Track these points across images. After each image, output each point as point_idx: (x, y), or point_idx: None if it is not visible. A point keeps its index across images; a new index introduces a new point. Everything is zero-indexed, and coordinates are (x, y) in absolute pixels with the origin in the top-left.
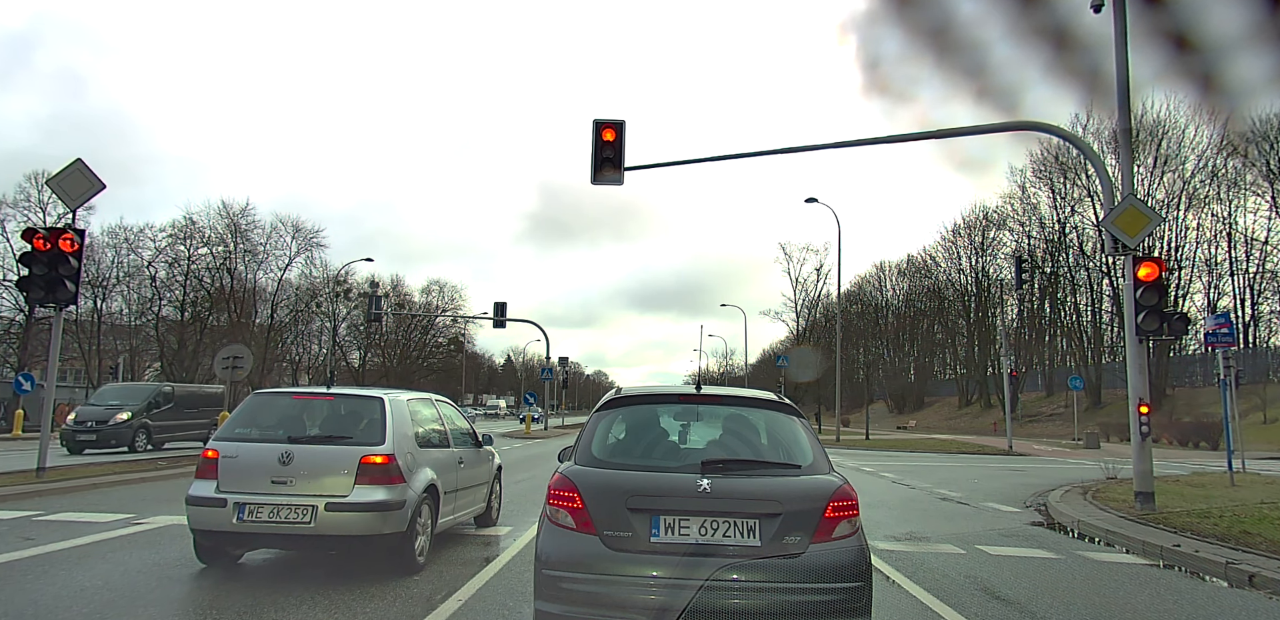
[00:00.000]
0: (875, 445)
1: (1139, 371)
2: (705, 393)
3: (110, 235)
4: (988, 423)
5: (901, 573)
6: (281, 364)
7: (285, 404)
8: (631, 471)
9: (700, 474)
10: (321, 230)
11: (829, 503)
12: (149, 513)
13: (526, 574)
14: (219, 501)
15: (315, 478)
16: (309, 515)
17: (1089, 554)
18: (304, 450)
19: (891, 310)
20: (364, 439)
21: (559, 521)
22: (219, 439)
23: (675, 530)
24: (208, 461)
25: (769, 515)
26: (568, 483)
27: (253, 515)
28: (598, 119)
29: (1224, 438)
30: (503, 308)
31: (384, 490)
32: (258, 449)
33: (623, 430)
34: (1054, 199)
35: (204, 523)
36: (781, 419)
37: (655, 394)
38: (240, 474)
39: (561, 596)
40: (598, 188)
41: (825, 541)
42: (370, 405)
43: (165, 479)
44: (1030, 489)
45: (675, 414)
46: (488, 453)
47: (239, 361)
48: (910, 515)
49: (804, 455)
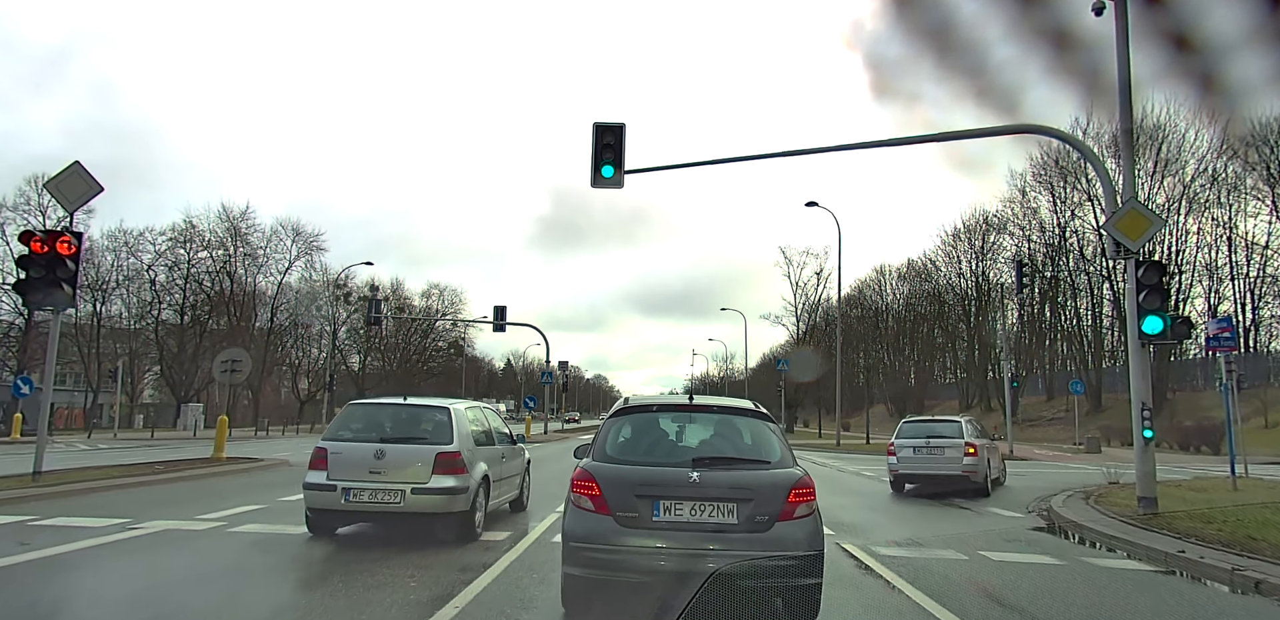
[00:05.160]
0: (876, 450)
1: (1141, 376)
2: (696, 403)
3: (110, 238)
4: (988, 427)
5: (903, 578)
6: (281, 368)
7: (374, 412)
8: (637, 466)
9: (691, 468)
10: (322, 234)
11: (791, 490)
12: (145, 517)
13: (553, 545)
14: (330, 487)
15: (402, 469)
16: (399, 497)
17: (1092, 559)
18: (393, 448)
19: (891, 314)
20: (436, 439)
21: (581, 505)
22: (326, 439)
23: (672, 511)
24: (319, 456)
25: (744, 499)
26: (588, 475)
27: (356, 497)
28: (598, 122)
29: (1225, 442)
30: (502, 311)
31: (454, 478)
32: (357, 447)
33: (630, 433)
34: (1054, 203)
35: (318, 503)
36: (756, 424)
37: (656, 404)
38: (345, 466)
39: (584, 562)
40: (607, 192)
41: (788, 520)
42: (440, 412)
43: (163, 484)
44: (1032, 493)
45: (672, 419)
46: (521, 449)
47: (237, 365)
48: (911, 520)
49: (773, 453)
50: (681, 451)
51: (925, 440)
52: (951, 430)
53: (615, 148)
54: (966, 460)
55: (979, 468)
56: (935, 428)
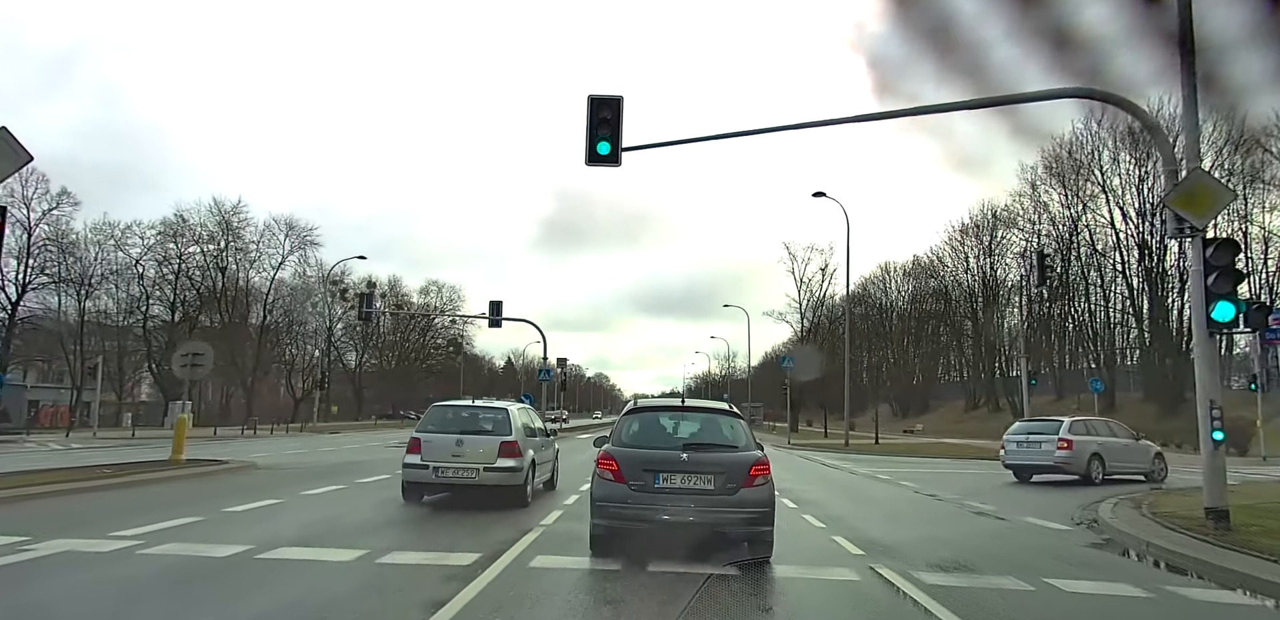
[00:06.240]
0: (887, 450)
1: (1209, 369)
2: (687, 405)
3: (96, 232)
4: (997, 426)
5: (959, 617)
6: (277, 365)
7: (452, 411)
8: (644, 449)
9: (682, 451)
10: (315, 228)
11: (752, 466)
12: (48, 535)
13: (581, 513)
14: (424, 466)
15: (476, 453)
16: (475, 473)
17: (1183, 590)
18: (469, 438)
19: (896, 312)
20: (499, 431)
21: (604, 476)
22: (419, 431)
23: (668, 480)
24: (415, 444)
25: (719, 472)
26: (609, 455)
27: (443, 474)
28: (593, 94)
29: (1256, 442)
30: (498, 307)
31: (513, 460)
32: (442, 437)
33: (638, 427)
34: (1066, 197)
35: (414, 478)
36: (730, 420)
37: (657, 406)
38: (433, 450)
39: (607, 515)
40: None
41: (750, 486)
42: (501, 412)
43: (102, 491)
44: (1068, 499)
45: (669, 417)
46: (553, 441)
47: (198, 359)
48: (944, 533)
49: (740, 440)
50: (675, 439)
51: (1026, 436)
52: (1050, 428)
53: (612, 123)
54: (1059, 453)
55: (1073, 460)
56: (1036, 426)
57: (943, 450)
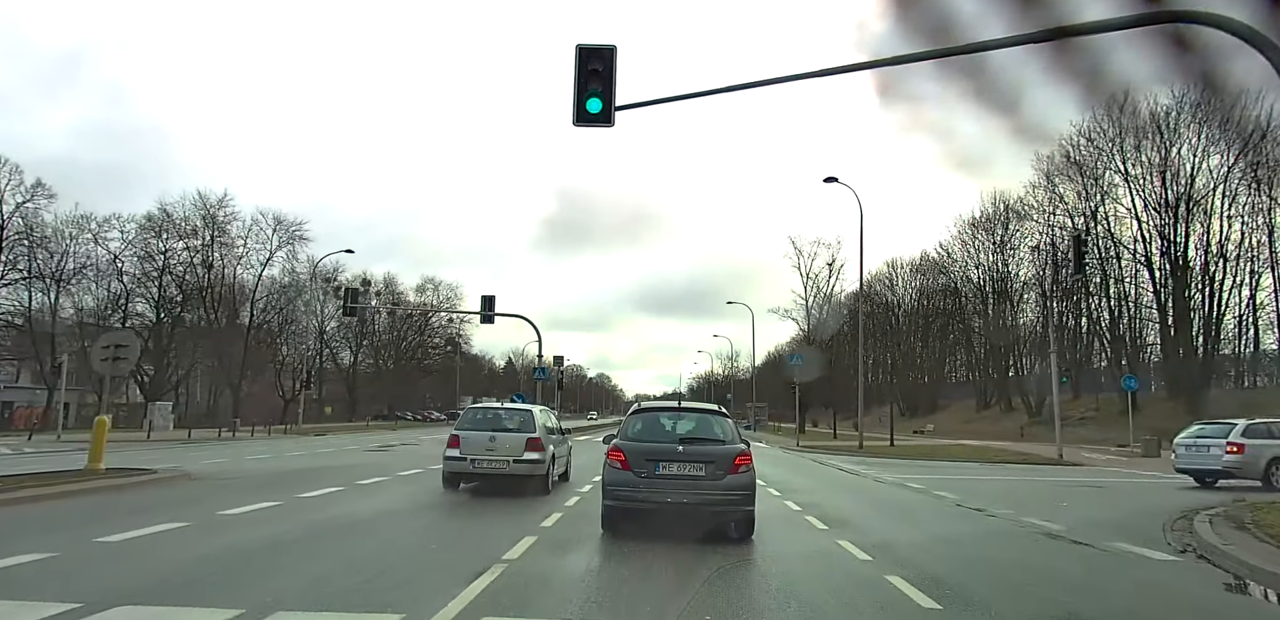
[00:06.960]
0: (904, 453)
1: None
2: (683, 406)
3: (72, 224)
4: (1009, 427)
5: None
6: (270, 364)
7: (485, 412)
8: (647, 443)
9: (678, 444)
10: (305, 223)
11: (736, 457)
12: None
13: (594, 500)
14: (463, 458)
15: (506, 447)
16: (506, 465)
17: None
18: (500, 435)
19: (903, 310)
20: (525, 429)
21: (613, 465)
22: (458, 429)
23: (666, 468)
24: (455, 439)
25: (709, 462)
26: (618, 448)
27: (479, 465)
28: (581, 44)
29: None
30: (490, 302)
31: (538, 454)
32: (477, 434)
33: (641, 424)
34: (1083, 187)
35: (454, 468)
36: (720, 419)
37: (657, 407)
38: (470, 445)
39: (615, 498)
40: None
41: (734, 473)
42: (527, 412)
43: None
44: (1145, 515)
45: (668, 416)
46: (567, 438)
47: (121, 352)
48: (1032, 574)
49: (727, 435)
50: (673, 435)
51: (1195, 440)
52: (1220, 432)
53: (604, 77)
54: (1227, 457)
55: (1244, 465)
56: (1206, 430)
57: (962, 452)
